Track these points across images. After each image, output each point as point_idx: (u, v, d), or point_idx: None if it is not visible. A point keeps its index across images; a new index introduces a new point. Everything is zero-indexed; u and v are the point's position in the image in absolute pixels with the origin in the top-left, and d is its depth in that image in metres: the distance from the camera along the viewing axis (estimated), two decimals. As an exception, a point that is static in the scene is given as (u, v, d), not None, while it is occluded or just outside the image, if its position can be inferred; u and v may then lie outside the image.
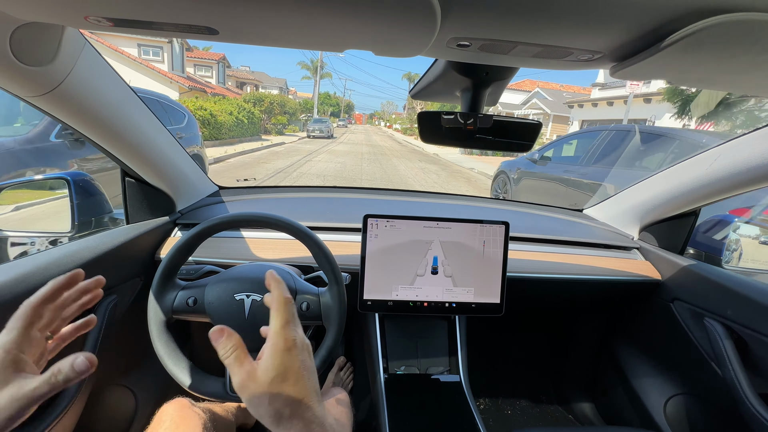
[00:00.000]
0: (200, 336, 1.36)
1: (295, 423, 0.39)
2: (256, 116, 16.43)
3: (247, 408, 0.40)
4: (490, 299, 0.98)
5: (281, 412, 0.39)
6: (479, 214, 1.39)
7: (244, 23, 0.39)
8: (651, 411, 1.16)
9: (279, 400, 0.40)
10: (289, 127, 24.28)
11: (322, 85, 59.88)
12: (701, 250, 1.19)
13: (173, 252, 0.71)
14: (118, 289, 0.88)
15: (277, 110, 20.45)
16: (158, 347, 0.69)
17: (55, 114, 0.67)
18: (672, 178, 1.07)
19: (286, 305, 0.44)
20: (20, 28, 0.49)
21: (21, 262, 0.70)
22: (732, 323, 0.94)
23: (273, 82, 40.86)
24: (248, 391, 0.40)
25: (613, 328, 1.39)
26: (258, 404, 0.40)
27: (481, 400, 1.56)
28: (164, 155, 0.94)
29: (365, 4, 0.33)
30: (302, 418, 0.40)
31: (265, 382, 0.40)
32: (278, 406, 0.39)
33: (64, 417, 0.73)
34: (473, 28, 0.37)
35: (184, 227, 1.09)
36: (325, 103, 69.29)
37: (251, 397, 0.40)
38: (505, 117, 0.62)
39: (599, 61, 0.44)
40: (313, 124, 23.40)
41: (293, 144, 16.05)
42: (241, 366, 0.40)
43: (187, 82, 15.48)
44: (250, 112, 15.73)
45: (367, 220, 0.93)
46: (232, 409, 1.13)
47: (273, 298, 0.44)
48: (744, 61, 0.38)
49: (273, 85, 39.56)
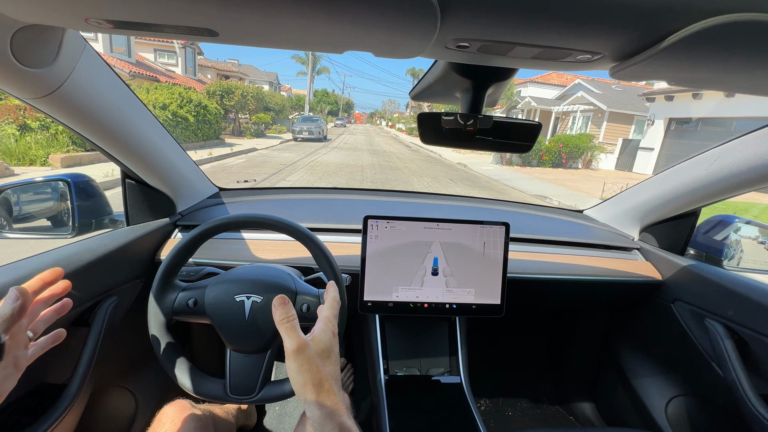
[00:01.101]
0: (200, 337, 1.36)
1: (331, 396, 0.45)
2: (212, 113, 11.84)
3: (289, 375, 0.46)
4: (491, 300, 0.98)
5: (323, 383, 0.45)
6: (479, 215, 1.39)
7: (244, 25, 0.39)
8: (652, 412, 1.16)
9: (323, 372, 0.45)
10: (273, 127, 20.36)
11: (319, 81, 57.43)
12: (702, 250, 1.19)
13: (173, 253, 0.71)
14: (119, 290, 0.88)
15: (252, 105, 16.14)
16: (158, 349, 0.69)
17: (56, 116, 0.67)
18: (672, 179, 1.07)
19: (337, 303, 0.53)
20: (21, 31, 0.50)
21: (21, 264, 0.70)
22: (733, 324, 0.94)
23: (262, 76, 36.29)
24: (302, 355, 0.45)
25: (613, 328, 1.39)
26: (306, 370, 0.45)
27: (481, 401, 1.56)
28: (164, 157, 0.95)
29: (365, 6, 0.33)
30: (336, 393, 0.46)
31: (315, 353, 0.46)
32: (322, 377, 0.45)
33: (64, 419, 0.73)
34: (473, 29, 0.37)
35: (184, 229, 1.09)
36: (322, 101, 65.29)
37: (303, 361, 0.45)
38: (504, 118, 0.63)
39: (599, 61, 0.44)
40: (300, 123, 18.49)
41: (264, 152, 11.89)
42: (294, 333, 0.46)
43: (131, 67, 12.16)
44: (201, 107, 11.36)
45: (368, 221, 0.93)
46: (232, 411, 1.13)
47: (329, 295, 0.53)
48: (744, 61, 0.38)
49: (262, 79, 34.92)
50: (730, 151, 0.88)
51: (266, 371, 0.71)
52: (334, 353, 0.48)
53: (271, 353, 0.72)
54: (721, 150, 0.91)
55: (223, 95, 14.89)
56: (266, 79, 35.64)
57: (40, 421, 0.69)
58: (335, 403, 0.44)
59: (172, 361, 0.69)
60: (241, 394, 0.69)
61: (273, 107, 21.35)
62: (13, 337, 0.44)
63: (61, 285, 0.51)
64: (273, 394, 0.70)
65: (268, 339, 0.70)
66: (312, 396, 0.44)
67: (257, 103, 16.58)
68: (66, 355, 0.74)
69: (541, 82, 23.78)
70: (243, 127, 16.96)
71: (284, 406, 1.46)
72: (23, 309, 0.44)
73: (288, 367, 0.46)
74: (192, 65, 19.37)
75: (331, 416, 0.43)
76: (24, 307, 0.44)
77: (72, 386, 0.75)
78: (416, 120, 0.64)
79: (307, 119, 19.60)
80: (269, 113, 19.41)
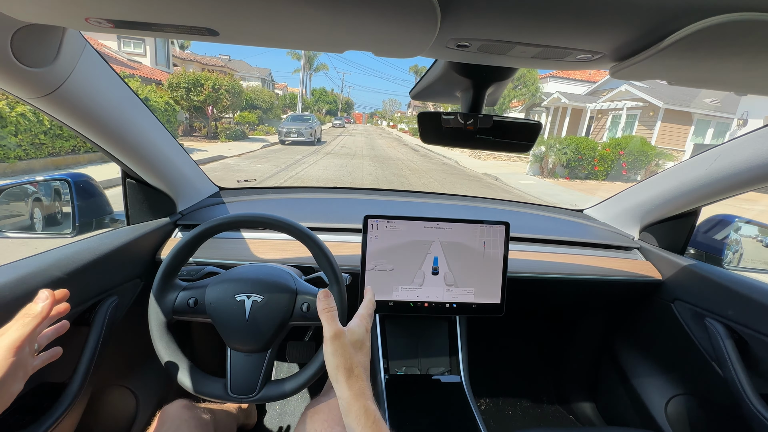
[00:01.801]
0: (201, 337, 1.36)
1: (360, 382, 0.50)
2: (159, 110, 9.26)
3: (324, 358, 0.52)
4: (491, 300, 0.98)
5: (353, 368, 0.50)
6: (479, 215, 1.39)
7: (244, 24, 0.39)
8: (652, 411, 1.16)
9: (354, 359, 0.51)
10: (259, 127, 17.39)
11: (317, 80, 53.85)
12: (702, 250, 1.19)
13: (174, 253, 0.71)
14: (119, 290, 0.88)
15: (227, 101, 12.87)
16: (159, 348, 0.69)
17: (56, 115, 0.67)
18: (672, 178, 1.07)
19: (373, 305, 0.59)
20: (21, 30, 0.50)
21: (22, 263, 0.70)
22: (733, 323, 0.94)
23: (253, 72, 32.93)
24: (338, 342, 0.51)
25: (613, 328, 1.39)
26: (340, 355, 0.50)
27: (481, 401, 1.56)
28: (165, 156, 0.95)
29: (365, 6, 0.33)
30: (365, 380, 0.50)
31: (350, 341, 0.52)
32: (353, 363, 0.50)
33: (65, 418, 0.73)
34: (473, 28, 0.37)
35: (184, 228, 1.09)
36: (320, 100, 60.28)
37: (338, 347, 0.51)
38: (504, 117, 0.63)
39: (599, 61, 0.44)
40: (288, 123, 15.36)
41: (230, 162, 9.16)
42: (334, 321, 0.53)
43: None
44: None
45: (368, 221, 0.93)
46: (232, 410, 1.13)
47: (366, 298, 0.60)
48: (744, 60, 0.38)
49: (253, 75, 32.13)
50: (730, 150, 0.88)
51: (267, 370, 0.71)
52: (366, 346, 0.54)
53: (271, 352, 0.72)
54: (721, 150, 0.91)
55: (190, 88, 12.01)
56: (258, 75, 32.62)
57: (41, 420, 0.69)
58: (363, 388, 0.49)
59: (172, 361, 0.69)
60: (242, 393, 0.69)
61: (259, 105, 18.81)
62: (30, 341, 0.47)
63: (63, 306, 0.55)
64: (273, 394, 0.70)
65: (268, 338, 0.70)
66: (343, 378, 0.49)
67: (234, 99, 13.32)
68: (67, 354, 0.74)
69: (562, 77, 20.25)
70: (221, 127, 13.75)
71: (285, 406, 1.46)
72: (50, 309, 0.48)
73: (324, 350, 0.52)
74: (164, 56, 16.67)
75: (358, 398, 0.48)
76: (50, 308, 0.48)
77: (73, 385, 0.75)
78: (417, 120, 0.65)
79: (296, 118, 16.54)
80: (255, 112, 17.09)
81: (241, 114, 15.33)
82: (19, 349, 0.44)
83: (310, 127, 15.25)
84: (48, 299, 0.48)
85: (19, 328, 0.45)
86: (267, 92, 21.26)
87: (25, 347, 0.45)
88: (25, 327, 0.45)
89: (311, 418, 0.80)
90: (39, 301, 0.48)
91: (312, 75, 43.51)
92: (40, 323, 0.47)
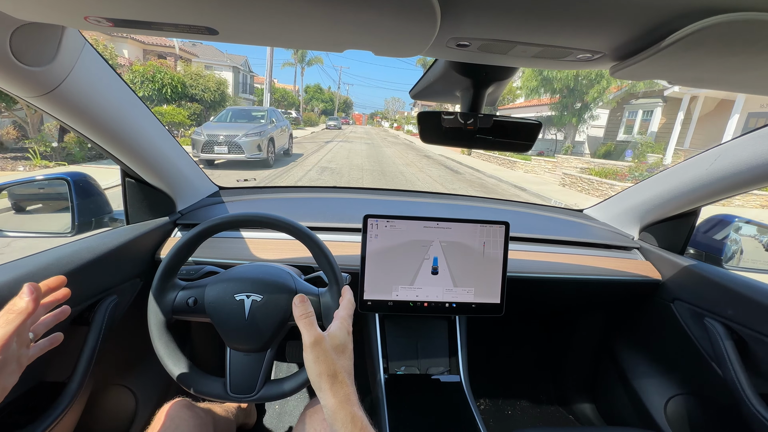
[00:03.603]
0: (200, 336, 1.36)
1: (344, 387, 0.48)
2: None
3: (306, 366, 0.50)
4: (491, 299, 0.98)
5: (337, 374, 0.48)
6: (479, 215, 1.39)
7: (244, 23, 0.39)
8: (652, 411, 1.16)
9: (338, 365, 0.49)
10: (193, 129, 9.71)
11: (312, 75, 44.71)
12: (701, 250, 1.19)
13: (173, 252, 0.71)
14: (118, 289, 0.88)
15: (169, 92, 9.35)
16: (158, 347, 0.69)
17: (55, 114, 0.67)
18: (672, 178, 1.07)
19: (352, 305, 0.58)
20: (20, 29, 0.49)
21: (22, 263, 0.70)
22: (732, 323, 0.94)
23: (224, 59, 24.87)
24: (318, 348, 0.50)
25: (613, 328, 1.39)
26: (321, 362, 0.49)
27: (481, 401, 1.56)
28: (164, 155, 0.94)
29: (365, 5, 0.33)
30: (349, 386, 0.49)
31: (331, 346, 0.50)
32: (336, 369, 0.49)
33: (64, 417, 0.73)
34: (473, 28, 0.37)
35: (184, 227, 1.09)
36: (315, 98, 50.46)
37: (319, 353, 0.49)
38: (504, 117, 0.63)
39: (599, 60, 0.44)
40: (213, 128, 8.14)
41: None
42: (313, 327, 0.51)
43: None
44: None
45: (367, 221, 0.93)
46: (232, 410, 1.13)
47: (345, 298, 0.58)
48: (744, 60, 0.38)
49: (224, 63, 24.46)
50: (730, 150, 0.88)
51: (266, 370, 0.71)
52: (348, 349, 0.53)
53: (271, 352, 0.72)
54: (721, 150, 0.91)
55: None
56: (229, 63, 24.95)
57: (40, 419, 0.69)
58: (348, 394, 0.48)
59: (171, 360, 0.69)
60: (241, 392, 0.69)
61: (199, 95, 12.00)
62: (18, 335, 0.46)
63: (62, 292, 0.54)
64: (273, 393, 0.70)
65: (268, 338, 0.70)
66: (327, 385, 0.48)
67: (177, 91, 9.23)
68: (66, 353, 0.74)
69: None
70: (73, 140, 7.57)
71: (284, 405, 1.46)
72: (35, 304, 0.47)
73: (305, 358, 0.50)
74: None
75: (344, 405, 0.46)
76: (36, 303, 0.47)
77: (72, 385, 0.75)
78: (416, 119, 0.65)
79: (238, 114, 9.44)
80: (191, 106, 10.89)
81: (158, 108, 9.40)
82: (5, 346, 0.44)
83: (257, 135, 8.10)
84: (33, 293, 0.47)
85: (2, 325, 0.45)
86: (212, 77, 13.49)
87: (11, 344, 0.45)
88: (8, 324, 0.45)
89: (311, 418, 0.80)
90: (23, 295, 0.46)
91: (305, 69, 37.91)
92: (26, 319, 0.46)
